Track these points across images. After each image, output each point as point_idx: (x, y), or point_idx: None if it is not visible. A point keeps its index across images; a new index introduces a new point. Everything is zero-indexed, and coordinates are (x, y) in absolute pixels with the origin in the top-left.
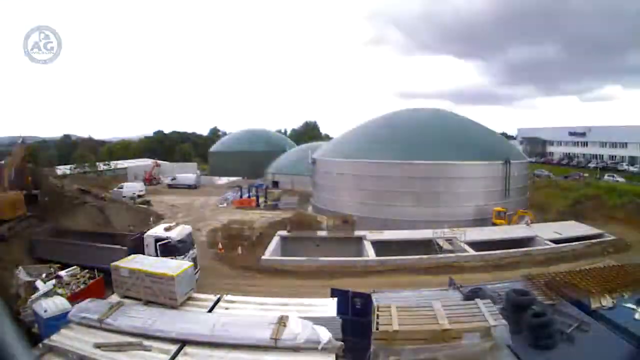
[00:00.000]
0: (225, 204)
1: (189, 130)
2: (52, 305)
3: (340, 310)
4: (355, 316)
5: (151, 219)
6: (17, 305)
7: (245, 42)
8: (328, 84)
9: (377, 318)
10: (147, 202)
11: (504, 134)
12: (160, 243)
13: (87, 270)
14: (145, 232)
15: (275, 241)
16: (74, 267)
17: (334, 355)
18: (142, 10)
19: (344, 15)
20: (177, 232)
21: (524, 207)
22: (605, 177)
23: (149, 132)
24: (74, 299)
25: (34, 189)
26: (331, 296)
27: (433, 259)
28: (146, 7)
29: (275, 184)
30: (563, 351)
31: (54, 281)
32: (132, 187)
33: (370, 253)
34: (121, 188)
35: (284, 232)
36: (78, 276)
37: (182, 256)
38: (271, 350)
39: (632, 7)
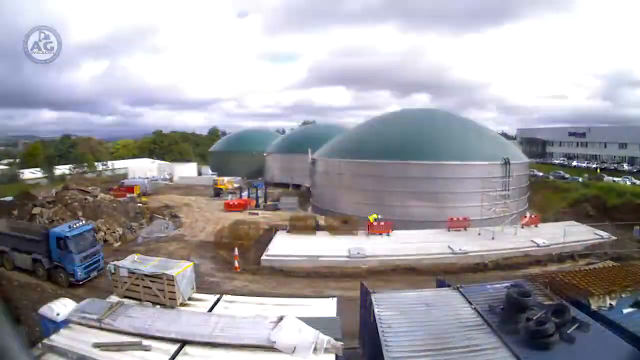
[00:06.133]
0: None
1: (188, 130)
2: (63, 307)
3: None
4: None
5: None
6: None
7: (245, 41)
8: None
9: None
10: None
11: (503, 134)
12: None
13: None
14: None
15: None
16: None
17: (334, 356)
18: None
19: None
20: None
21: (524, 208)
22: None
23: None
24: None
25: None
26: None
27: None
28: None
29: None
30: (563, 351)
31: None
32: None
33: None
34: None
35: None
36: None
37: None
38: (271, 351)
39: None
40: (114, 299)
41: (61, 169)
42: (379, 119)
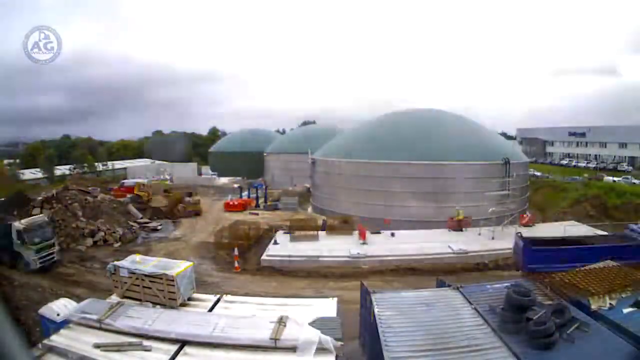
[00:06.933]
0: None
1: (188, 130)
2: (63, 308)
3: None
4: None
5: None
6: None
7: (245, 39)
8: (326, 82)
9: None
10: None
11: (503, 134)
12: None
13: None
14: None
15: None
16: None
17: (334, 355)
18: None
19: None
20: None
21: (524, 207)
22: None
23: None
24: None
25: None
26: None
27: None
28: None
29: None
30: (563, 351)
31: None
32: None
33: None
34: None
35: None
36: None
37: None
38: (271, 351)
39: None
40: (114, 299)
41: (61, 169)
42: (379, 119)
